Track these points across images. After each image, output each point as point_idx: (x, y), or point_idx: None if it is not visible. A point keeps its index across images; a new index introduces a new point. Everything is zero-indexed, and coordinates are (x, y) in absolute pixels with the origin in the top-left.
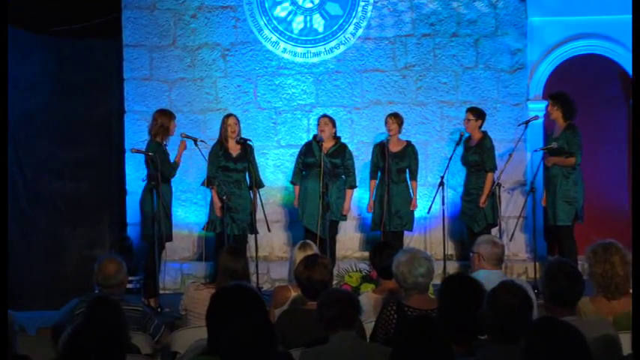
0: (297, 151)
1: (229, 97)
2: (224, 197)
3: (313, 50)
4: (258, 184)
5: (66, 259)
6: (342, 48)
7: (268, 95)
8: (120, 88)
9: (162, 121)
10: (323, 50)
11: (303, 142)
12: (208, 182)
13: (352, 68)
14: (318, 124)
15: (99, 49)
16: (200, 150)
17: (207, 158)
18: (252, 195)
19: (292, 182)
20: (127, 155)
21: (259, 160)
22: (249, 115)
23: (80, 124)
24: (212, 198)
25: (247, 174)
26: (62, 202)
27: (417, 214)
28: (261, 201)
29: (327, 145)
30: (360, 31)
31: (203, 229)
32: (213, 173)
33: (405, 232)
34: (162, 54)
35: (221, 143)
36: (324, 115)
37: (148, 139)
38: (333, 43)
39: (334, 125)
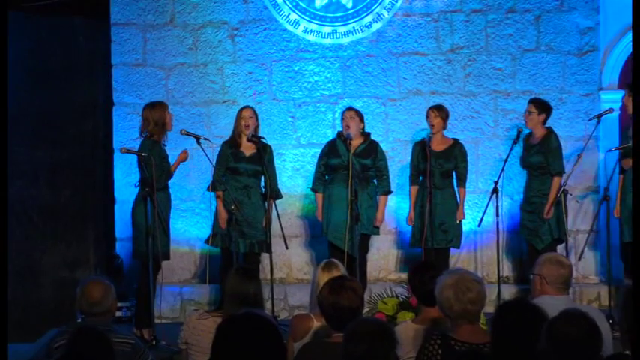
0: (319, 151)
1: (238, 86)
2: (232, 206)
3: (340, 30)
4: (274, 194)
5: (42, 281)
6: (375, 26)
7: (286, 84)
8: (107, 75)
9: (154, 117)
10: (352, 29)
11: (326, 141)
12: (213, 187)
13: (387, 51)
14: (342, 119)
15: (81, 28)
16: (204, 150)
17: (213, 160)
18: (266, 205)
19: (314, 189)
20: (116, 156)
21: (275, 161)
22: (263, 109)
23: (58, 118)
24: (217, 206)
25: (262, 180)
26: (37, 212)
27: (465, 227)
28: (277, 212)
29: (356, 143)
30: (397, 5)
31: (206, 241)
32: (219, 176)
33: (452, 250)
34: (157, 34)
35: (232, 141)
36: (350, 108)
37: (140, 137)
38: (364, 21)
39: (362, 119)
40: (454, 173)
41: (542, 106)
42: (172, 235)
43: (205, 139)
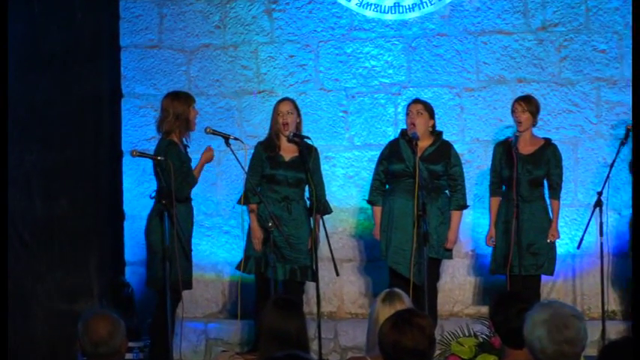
0: (377, 154)
1: (277, 73)
2: (269, 223)
3: (405, 2)
4: (322, 207)
5: (33, 315)
6: None
7: (335, 70)
8: (114, 60)
9: (177, 111)
10: (419, 2)
11: (387, 141)
12: (246, 199)
13: (462, 29)
14: (407, 114)
15: (81, 3)
16: (234, 152)
17: (245, 165)
18: (311, 222)
19: (371, 201)
20: (126, 160)
21: (322, 167)
22: (308, 101)
23: (54, 114)
24: (251, 223)
25: (306, 190)
26: (27, 229)
27: (560, 249)
28: (325, 230)
29: (424, 144)
30: None
31: (237, 267)
32: (253, 186)
33: (544, 277)
34: (177, 9)
35: (269, 142)
36: (416, 101)
37: (157, 136)
38: None
39: (431, 115)
40: (546, 181)
41: None
42: (195, 259)
43: (236, 138)
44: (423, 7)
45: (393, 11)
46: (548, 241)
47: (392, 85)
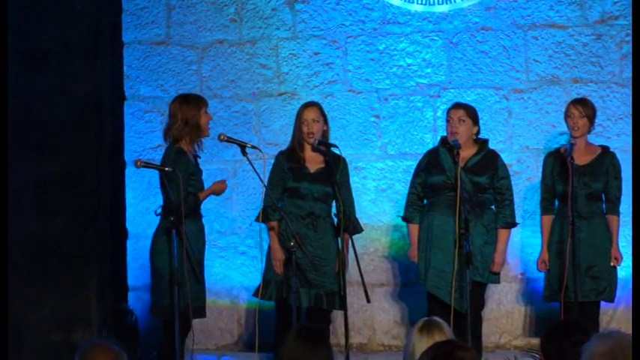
0: (414, 164)
1: (300, 72)
2: (291, 243)
3: None
4: (351, 225)
5: (25, 345)
6: None
7: (366, 70)
8: (116, 58)
9: (186, 115)
10: None
11: (424, 150)
12: (265, 216)
13: (510, 22)
14: (447, 120)
15: None
16: (251, 163)
17: (265, 177)
18: (339, 242)
19: (406, 217)
20: (129, 172)
21: (352, 179)
22: (335, 104)
23: (49, 118)
24: (270, 243)
25: (333, 205)
26: (18, 249)
27: (622, 272)
28: (354, 251)
29: (466, 153)
30: None
31: (255, 293)
32: (273, 201)
33: (603, 304)
34: (187, 1)
35: (291, 151)
36: (458, 105)
37: (164, 144)
38: None
39: (475, 121)
40: (604, 196)
41: None
42: (207, 284)
43: (253, 147)
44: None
45: (432, 2)
46: (613, 264)
47: (430, 86)
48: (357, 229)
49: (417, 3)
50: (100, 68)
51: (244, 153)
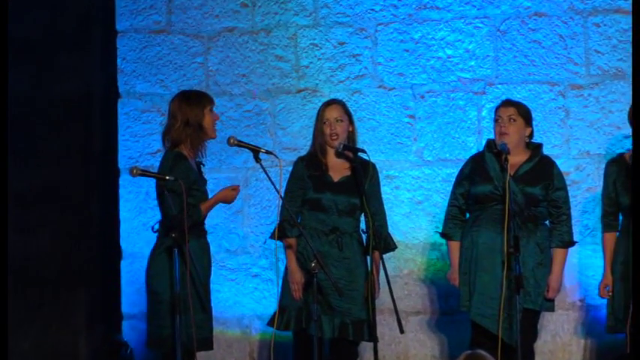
0: (455, 172)
1: (322, 65)
2: (312, 263)
3: None
4: (383, 243)
5: None
6: None
7: (399, 62)
8: (109, 49)
9: (188, 115)
10: None
11: (468, 155)
12: (281, 232)
13: (568, 6)
14: (495, 120)
15: None
16: (265, 170)
17: (281, 187)
18: (369, 262)
19: (446, 234)
20: (124, 181)
21: (383, 189)
22: (363, 103)
23: (31, 119)
24: (287, 264)
25: (361, 219)
26: None
27: None
28: (385, 273)
29: (517, 159)
30: None
31: (270, 323)
32: (291, 214)
33: None
34: None
35: (312, 157)
36: (507, 102)
37: (163, 148)
38: None
39: (528, 121)
40: None
41: None
42: (214, 311)
43: (268, 152)
44: None
45: None
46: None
47: (474, 81)
48: (389, 247)
49: None
50: (90, 61)
51: (257, 159)
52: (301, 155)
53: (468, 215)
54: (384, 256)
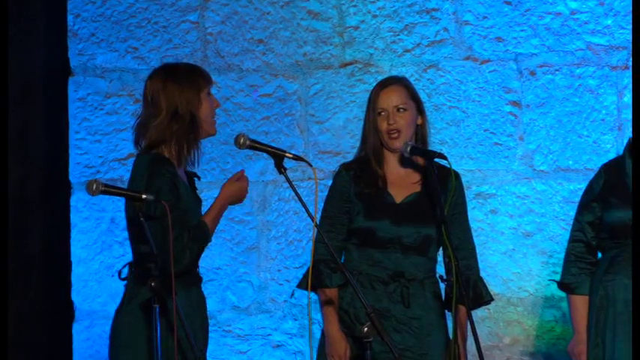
0: (581, 188)
1: (379, 27)
2: (364, 329)
3: None
4: (473, 294)
5: None
6: None
7: (497, 21)
8: (56, 8)
9: (176, 101)
10: None
11: (601, 163)
12: (316, 280)
13: None
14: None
15: None
16: (291, 184)
17: (316, 211)
18: (451, 323)
19: (567, 284)
20: (76, 202)
21: (471, 213)
22: (441, 82)
23: None
24: (325, 327)
25: (438, 256)
26: None
27: None
28: (477, 341)
29: None
30: None
31: None
32: (332, 251)
33: None
34: None
35: (362, 166)
36: None
37: (136, 151)
38: None
39: None
40: None
41: None
42: None
43: (297, 157)
44: None
45: None
46: None
47: (611, 49)
48: (481, 300)
49: None
50: (29, 25)
51: (281, 168)
52: (345, 162)
53: (600, 255)
54: (475, 310)
